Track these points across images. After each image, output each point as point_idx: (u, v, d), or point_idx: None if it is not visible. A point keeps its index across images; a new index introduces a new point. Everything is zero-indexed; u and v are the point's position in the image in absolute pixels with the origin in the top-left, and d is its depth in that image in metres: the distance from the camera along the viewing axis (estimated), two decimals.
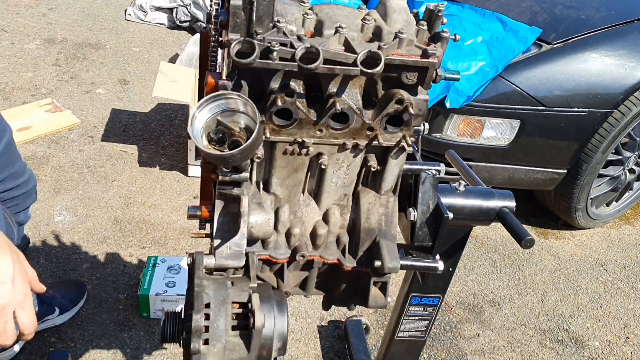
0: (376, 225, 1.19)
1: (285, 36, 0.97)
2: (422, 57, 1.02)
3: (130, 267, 2.59)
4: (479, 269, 2.92)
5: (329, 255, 1.21)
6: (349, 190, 1.19)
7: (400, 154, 1.13)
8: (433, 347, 2.47)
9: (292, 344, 2.38)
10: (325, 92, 1.04)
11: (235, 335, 1.01)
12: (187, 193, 3.12)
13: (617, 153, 2.99)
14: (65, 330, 2.28)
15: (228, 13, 0.96)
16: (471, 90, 2.61)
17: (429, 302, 1.69)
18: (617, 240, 3.27)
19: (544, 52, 2.75)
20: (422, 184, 1.25)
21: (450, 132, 2.76)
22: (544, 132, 2.75)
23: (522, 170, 2.88)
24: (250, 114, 0.96)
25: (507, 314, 2.68)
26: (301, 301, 2.56)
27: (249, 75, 1.01)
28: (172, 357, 2.24)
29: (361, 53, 0.97)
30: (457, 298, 2.73)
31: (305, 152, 1.09)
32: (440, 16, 1.04)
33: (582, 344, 2.58)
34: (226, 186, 1.08)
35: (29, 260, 2.39)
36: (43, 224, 2.76)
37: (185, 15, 4.85)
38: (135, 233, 2.79)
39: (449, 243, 1.49)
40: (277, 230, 1.18)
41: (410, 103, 1.04)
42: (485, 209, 1.38)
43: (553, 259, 3.06)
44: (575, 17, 2.94)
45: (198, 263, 1.08)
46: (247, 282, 1.07)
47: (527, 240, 1.24)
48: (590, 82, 2.70)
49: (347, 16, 1.05)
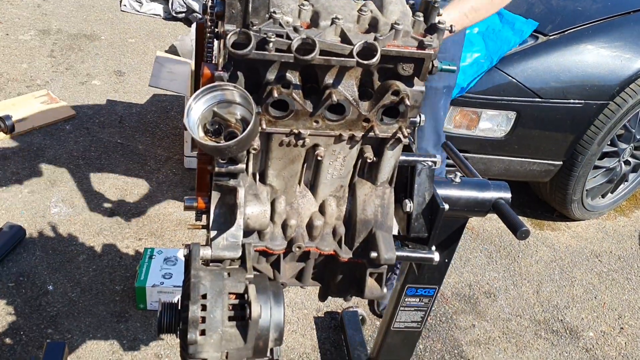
0: (372, 216, 1.19)
1: (281, 27, 0.97)
2: (418, 49, 1.02)
3: (127, 259, 2.60)
4: (474, 260, 2.93)
5: (325, 246, 1.21)
6: (345, 181, 1.19)
7: (396, 145, 1.13)
8: (429, 337, 2.48)
9: (288, 334, 2.39)
10: (322, 84, 1.04)
11: (231, 325, 1.02)
12: (184, 185, 3.11)
13: (612, 145, 3.00)
14: (62, 322, 2.28)
15: (224, 4, 0.96)
16: (465, 82, 2.61)
17: (425, 293, 1.70)
18: (612, 231, 3.29)
19: (540, 44, 2.74)
20: (418, 175, 1.26)
21: (447, 124, 2.76)
22: (540, 124, 2.75)
23: (518, 162, 2.89)
24: (246, 105, 0.96)
25: (503, 305, 2.70)
26: (297, 292, 2.57)
27: (245, 66, 1.01)
28: (169, 348, 2.25)
29: (357, 44, 0.97)
30: (453, 289, 2.74)
31: (301, 144, 1.09)
32: (437, 7, 1.04)
33: (577, 334, 2.60)
34: (222, 177, 1.08)
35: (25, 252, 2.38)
36: (39, 215, 2.75)
37: (181, 6, 4.83)
38: (131, 225, 2.79)
39: (445, 234, 1.49)
40: (273, 222, 1.18)
41: (407, 94, 1.04)
42: (481, 200, 1.38)
43: (548, 250, 3.07)
44: (572, 9, 2.94)
45: (194, 254, 1.08)
46: (244, 273, 1.08)
47: (523, 231, 1.25)
48: (586, 74, 2.70)
49: (343, 7, 1.04)
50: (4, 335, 2.21)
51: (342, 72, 1.03)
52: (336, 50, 0.98)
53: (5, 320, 2.26)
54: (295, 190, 1.19)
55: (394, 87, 1.04)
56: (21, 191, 2.89)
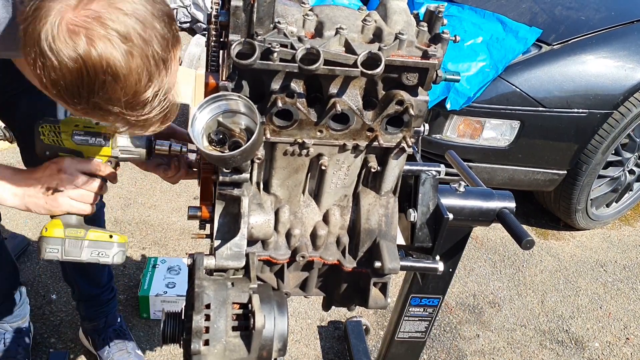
0: (376, 226, 1.19)
1: (285, 37, 0.97)
2: (422, 58, 1.02)
3: (130, 268, 2.59)
4: (478, 269, 2.92)
5: (329, 256, 1.21)
6: (349, 191, 1.19)
7: (401, 154, 1.13)
8: (433, 348, 2.47)
9: (292, 344, 2.38)
10: (326, 93, 1.04)
11: (235, 336, 1.01)
12: (187, 194, 3.12)
13: (617, 154, 2.99)
14: (65, 331, 2.28)
15: (228, 14, 0.97)
16: (471, 92, 2.61)
17: (429, 302, 1.69)
18: (617, 241, 3.27)
19: (544, 53, 2.75)
20: (422, 184, 1.25)
21: (450, 133, 2.76)
22: (544, 133, 2.75)
23: (522, 171, 2.88)
24: (251, 115, 0.96)
25: (507, 315, 2.68)
26: (301, 302, 2.56)
27: (250, 76, 1.02)
28: (172, 357, 2.24)
29: (362, 54, 0.97)
30: (457, 299, 2.73)
31: (305, 153, 1.09)
32: (441, 17, 1.04)
33: (582, 344, 2.58)
34: (226, 187, 1.08)
35: (28, 261, 2.38)
36: (42, 224, 2.75)
37: (186, 16, 4.85)
38: (135, 234, 2.79)
39: (449, 244, 1.49)
40: (277, 231, 1.18)
41: (411, 104, 1.04)
42: (485, 209, 1.38)
43: (553, 259, 3.06)
44: (575, 18, 2.94)
45: (198, 264, 1.08)
46: (248, 282, 1.07)
47: (527, 241, 1.25)
48: (590, 83, 2.70)
49: (347, 17, 1.05)
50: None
51: (347, 82, 1.03)
52: (340, 60, 0.98)
53: None
54: (299, 200, 1.19)
55: (398, 97, 1.04)
56: None
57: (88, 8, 0.86)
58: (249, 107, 0.96)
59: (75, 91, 0.90)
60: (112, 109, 0.94)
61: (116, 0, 0.88)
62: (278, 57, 0.96)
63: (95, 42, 0.85)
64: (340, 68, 0.99)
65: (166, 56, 0.94)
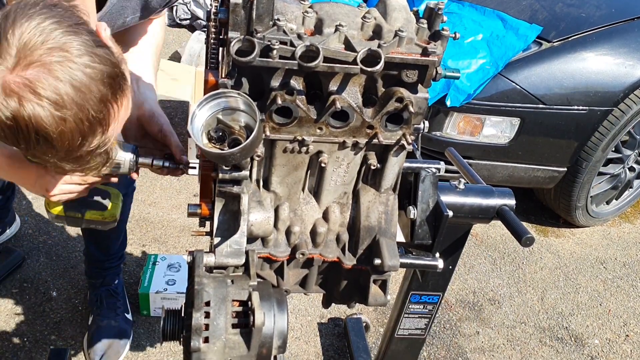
0: (376, 223, 1.19)
1: (285, 34, 0.97)
2: (422, 56, 1.02)
3: (130, 265, 2.60)
4: (478, 267, 2.92)
5: (329, 253, 1.21)
6: (348, 188, 1.19)
7: (400, 152, 1.13)
8: (433, 345, 2.47)
9: (292, 341, 2.38)
10: (326, 90, 1.04)
11: (235, 333, 1.01)
12: (187, 191, 3.12)
13: (617, 151, 2.99)
14: (65, 328, 2.28)
15: (228, 11, 0.96)
16: (471, 89, 2.61)
17: (429, 300, 1.69)
18: (617, 238, 3.27)
19: (544, 50, 2.74)
20: (422, 182, 1.25)
21: (450, 130, 2.76)
22: (544, 130, 2.75)
23: (522, 169, 2.88)
24: (250, 112, 0.96)
25: (507, 312, 2.69)
26: (301, 299, 2.56)
27: (249, 73, 1.01)
28: (172, 354, 2.24)
29: (361, 51, 0.97)
30: (457, 296, 2.73)
31: (305, 150, 1.09)
32: (441, 14, 1.04)
33: (582, 341, 2.59)
34: (226, 184, 1.08)
35: (29, 259, 2.39)
36: (43, 222, 2.76)
37: (185, 13, 4.85)
38: (135, 231, 2.79)
39: (449, 241, 1.49)
40: (277, 229, 1.18)
41: (410, 101, 1.04)
42: (485, 207, 1.38)
43: (553, 257, 3.06)
44: (576, 15, 2.94)
45: (198, 261, 1.08)
46: (247, 280, 1.07)
47: (527, 238, 1.25)
48: (590, 81, 2.69)
49: (347, 14, 1.04)
50: (8, 341, 2.20)
51: (346, 79, 1.03)
52: (340, 57, 0.98)
53: (9, 326, 2.26)
54: (299, 197, 1.19)
55: (398, 94, 1.04)
56: (25, 197, 2.89)
57: (23, 74, 0.88)
58: (248, 105, 0.96)
59: (15, 142, 0.95)
60: (49, 159, 0.99)
61: (53, 66, 0.88)
62: (277, 54, 0.96)
63: (25, 107, 0.88)
64: (340, 65, 0.99)
65: (103, 116, 0.96)
